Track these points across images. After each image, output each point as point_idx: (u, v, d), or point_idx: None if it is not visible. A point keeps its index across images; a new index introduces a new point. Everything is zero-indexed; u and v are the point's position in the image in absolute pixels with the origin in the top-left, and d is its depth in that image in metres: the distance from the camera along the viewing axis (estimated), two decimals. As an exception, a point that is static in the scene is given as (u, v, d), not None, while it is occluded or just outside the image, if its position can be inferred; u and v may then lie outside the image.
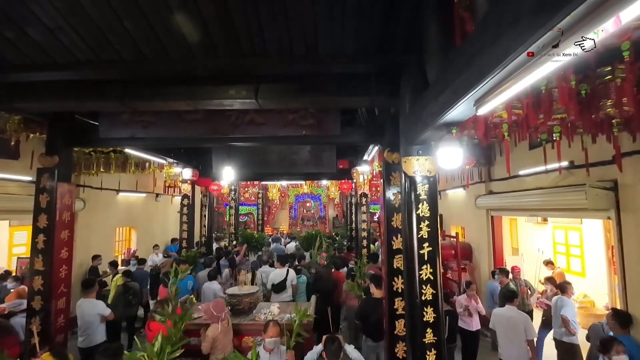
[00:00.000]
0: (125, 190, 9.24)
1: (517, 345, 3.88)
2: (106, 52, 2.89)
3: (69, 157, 4.27)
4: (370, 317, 4.30)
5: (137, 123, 4.02)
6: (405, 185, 2.77)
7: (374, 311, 4.29)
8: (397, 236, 3.87)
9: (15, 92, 3.22)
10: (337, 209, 17.36)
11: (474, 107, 1.61)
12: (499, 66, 1.21)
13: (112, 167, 6.95)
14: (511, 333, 3.93)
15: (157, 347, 2.48)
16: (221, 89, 3.17)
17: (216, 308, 3.70)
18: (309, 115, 3.97)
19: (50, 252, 3.99)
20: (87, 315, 4.51)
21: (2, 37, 2.74)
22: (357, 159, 7.79)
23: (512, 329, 3.93)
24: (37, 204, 4.02)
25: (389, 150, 3.91)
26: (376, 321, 4.26)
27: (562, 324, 4.28)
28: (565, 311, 4.26)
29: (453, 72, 1.71)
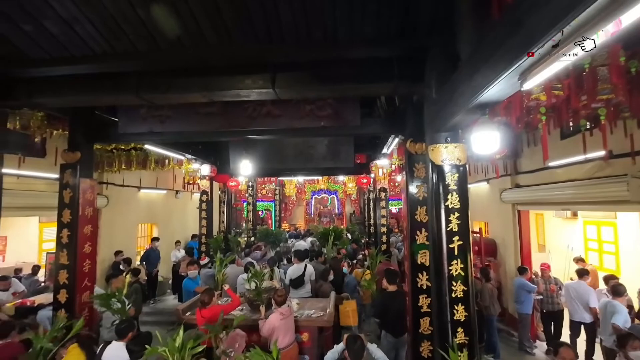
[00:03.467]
0: (146, 187, 9.41)
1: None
2: (121, 44, 2.85)
3: (90, 153, 4.32)
4: (389, 312, 4.22)
5: (154, 118, 4.01)
6: (432, 175, 2.60)
7: (392, 306, 4.21)
8: (421, 230, 3.70)
9: (35, 87, 3.25)
10: (354, 205, 17.16)
11: (518, 82, 1.44)
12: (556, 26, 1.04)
13: (133, 164, 7.04)
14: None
15: (178, 342, 2.44)
16: (237, 79, 3.08)
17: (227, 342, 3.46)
18: (327, 105, 3.84)
19: (74, 246, 4.06)
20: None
21: (21, 30, 2.74)
22: (375, 153, 7.60)
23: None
24: (61, 199, 4.09)
25: (411, 141, 3.72)
26: (395, 316, 4.18)
27: (612, 332, 3.84)
28: (617, 319, 3.82)
29: (491, 45, 1.53)
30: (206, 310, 4.09)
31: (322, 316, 4.77)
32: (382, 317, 4.39)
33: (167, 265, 9.41)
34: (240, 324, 4.51)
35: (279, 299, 4.15)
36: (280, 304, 4.13)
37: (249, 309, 5.02)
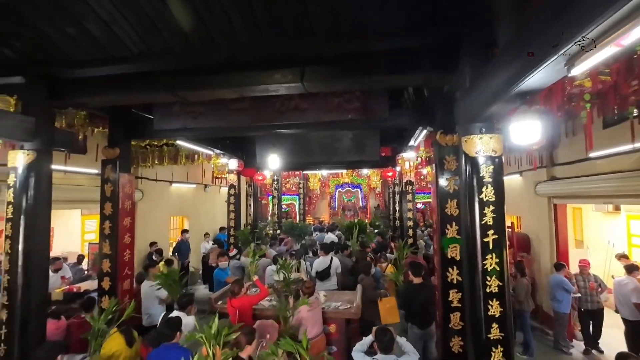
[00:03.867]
0: (178, 182, 9.80)
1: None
2: (157, 43, 2.97)
3: (127, 149, 4.55)
4: (414, 304, 4.24)
5: (187, 114, 4.16)
6: (465, 168, 2.53)
7: (417, 298, 4.22)
8: (451, 224, 3.62)
9: (78, 87, 3.46)
10: (378, 199, 17.00)
11: (565, 68, 1.36)
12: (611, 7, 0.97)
13: (165, 159, 7.35)
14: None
15: (214, 329, 2.56)
16: (266, 74, 3.12)
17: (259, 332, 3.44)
18: (355, 98, 3.82)
19: (116, 237, 4.32)
20: (148, 296, 4.88)
21: (65, 34, 2.91)
22: (401, 146, 7.47)
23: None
24: (102, 192, 4.36)
25: (442, 132, 3.63)
26: (420, 308, 4.19)
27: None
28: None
29: (535, 29, 1.46)
30: (236, 300, 4.25)
31: (350, 308, 4.81)
32: (406, 309, 4.41)
33: (197, 256, 9.80)
34: (271, 314, 4.66)
35: (307, 290, 4.24)
36: (310, 294, 4.21)
37: (277, 299, 5.16)
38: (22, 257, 3.24)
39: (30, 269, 3.27)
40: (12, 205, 3.28)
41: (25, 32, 2.89)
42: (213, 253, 7.79)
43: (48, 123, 3.49)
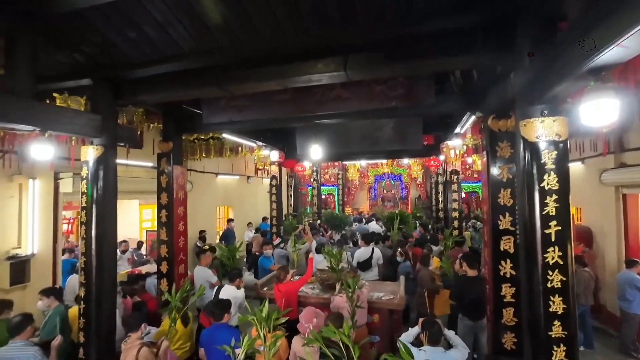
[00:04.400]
0: (223, 173, 10.28)
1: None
2: (205, 40, 3.10)
3: (180, 143, 4.85)
4: (466, 296, 4.14)
5: (232, 108, 4.32)
6: (523, 154, 2.35)
7: (470, 290, 4.12)
8: (504, 215, 3.42)
9: (137, 86, 3.73)
10: (419, 189, 16.49)
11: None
12: None
13: (212, 152, 7.73)
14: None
15: (265, 312, 2.68)
16: (309, 64, 3.13)
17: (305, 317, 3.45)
18: (399, 84, 3.70)
19: (171, 225, 4.66)
20: (200, 280, 5.22)
21: (127, 38, 3.15)
22: (445, 134, 7.14)
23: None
24: (159, 184, 4.71)
25: (494, 117, 3.41)
26: (473, 300, 4.09)
27: None
28: None
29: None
30: (282, 285, 4.44)
31: (393, 299, 4.77)
32: (458, 301, 4.32)
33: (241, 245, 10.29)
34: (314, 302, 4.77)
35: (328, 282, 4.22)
36: (328, 287, 4.18)
37: (320, 288, 5.26)
38: (95, 241, 3.62)
39: (102, 252, 3.65)
40: (86, 195, 3.66)
41: (94, 38, 3.16)
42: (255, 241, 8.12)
43: (112, 120, 3.82)
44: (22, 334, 3.02)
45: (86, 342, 3.59)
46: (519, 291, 3.33)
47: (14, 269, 5.24)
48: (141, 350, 2.99)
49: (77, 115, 3.47)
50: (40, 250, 5.65)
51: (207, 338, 3.34)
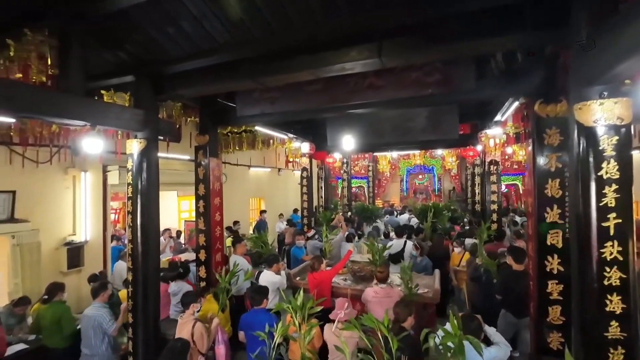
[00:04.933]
0: (255, 166, 10.53)
1: None
2: (240, 32, 3.13)
3: (215, 136, 5.00)
4: (512, 292, 3.99)
5: (265, 100, 4.36)
6: (577, 140, 2.16)
7: (516, 285, 3.94)
8: (552, 207, 3.18)
9: (176, 81, 3.87)
10: (454, 181, 15.87)
11: None
12: None
13: (244, 145, 7.91)
14: None
15: (299, 301, 2.72)
16: (342, 52, 3.06)
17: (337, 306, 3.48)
18: (436, 70, 3.53)
19: (208, 214, 4.84)
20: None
21: (166, 34, 3.26)
22: (483, 122, 6.77)
23: None
24: (196, 175, 4.90)
25: (541, 102, 3.16)
26: (519, 296, 3.91)
27: None
28: None
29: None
30: (317, 273, 4.51)
31: (427, 293, 4.66)
32: (504, 295, 4.16)
33: (272, 235, 10.52)
34: (345, 293, 4.78)
35: (380, 275, 4.16)
36: (381, 280, 4.13)
37: (352, 279, 5.26)
38: (140, 229, 3.85)
39: (147, 239, 3.87)
40: (131, 186, 3.89)
41: (136, 36, 3.32)
42: (288, 233, 8.25)
43: (154, 114, 4.01)
44: (99, 297, 3.87)
45: (134, 322, 3.86)
46: (567, 288, 3.12)
47: (70, 254, 5.74)
48: (195, 325, 3.29)
49: (122, 111, 3.67)
50: (92, 238, 6.13)
51: (246, 322, 3.50)
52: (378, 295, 4.03)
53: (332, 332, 3.22)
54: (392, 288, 4.18)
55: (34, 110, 2.82)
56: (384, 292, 4.03)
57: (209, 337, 3.41)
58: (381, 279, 4.12)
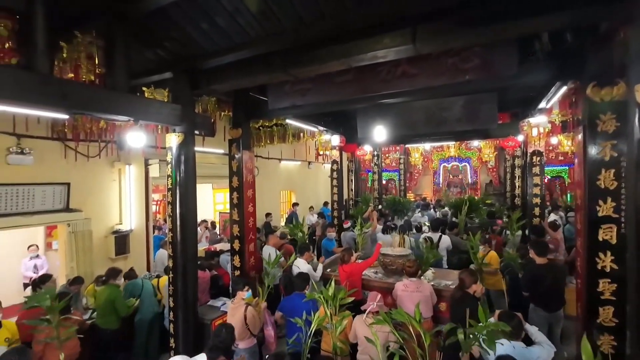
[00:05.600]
0: (286, 159, 10.68)
1: None
2: (271, 25, 3.15)
3: (248, 129, 5.12)
4: (540, 285, 3.92)
5: (296, 92, 4.38)
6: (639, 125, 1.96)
7: (544, 278, 3.90)
8: (605, 200, 2.93)
9: (210, 76, 3.99)
10: (491, 174, 15.09)
11: None
12: None
13: (275, 138, 8.04)
14: None
15: (331, 291, 2.74)
16: (374, 40, 2.99)
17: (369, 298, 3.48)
18: (474, 55, 3.34)
19: (242, 206, 4.99)
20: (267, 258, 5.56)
21: (201, 30, 3.37)
22: (525, 110, 6.35)
23: None
24: (230, 168, 5.05)
25: (594, 85, 2.89)
26: (548, 289, 3.90)
27: None
28: None
29: None
30: (347, 265, 4.54)
31: (461, 288, 4.51)
32: (532, 291, 4.04)
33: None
34: (377, 285, 4.75)
35: (409, 269, 4.06)
36: (410, 274, 4.03)
37: (382, 272, 5.21)
38: (179, 219, 4.05)
39: (185, 228, 4.07)
40: (170, 178, 4.09)
41: (174, 33, 3.46)
42: (319, 226, 8.31)
43: (190, 109, 4.17)
44: None
45: (175, 306, 4.09)
46: (621, 288, 2.87)
47: (117, 242, 6.19)
48: (247, 308, 3.51)
49: (162, 106, 3.86)
50: (136, 227, 6.55)
51: (287, 306, 3.72)
52: (408, 289, 3.95)
53: (363, 321, 3.22)
54: (423, 282, 4.08)
55: (84, 107, 3.04)
56: (414, 286, 3.94)
57: (260, 320, 3.62)
58: (410, 273, 4.04)
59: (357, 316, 3.36)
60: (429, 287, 4.05)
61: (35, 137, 5.06)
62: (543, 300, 3.97)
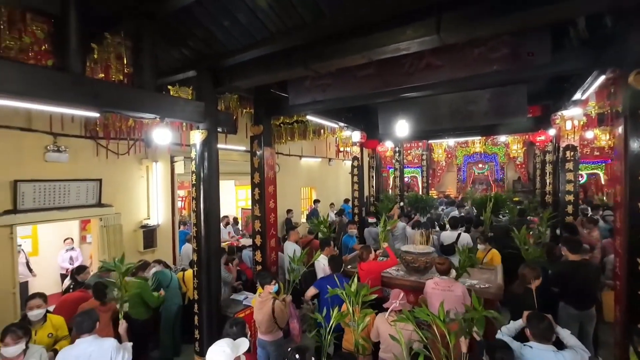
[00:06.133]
0: (306, 156, 10.70)
1: None
2: (292, 19, 3.14)
3: (269, 126, 5.16)
4: (570, 282, 3.81)
5: (317, 87, 4.36)
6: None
7: (575, 275, 3.80)
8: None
9: (232, 73, 4.05)
10: (519, 170, 14.48)
11: None
12: None
13: (296, 135, 8.07)
14: None
15: (353, 288, 2.71)
16: (397, 32, 2.91)
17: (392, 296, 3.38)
18: (502, 44, 3.19)
19: (263, 202, 5.05)
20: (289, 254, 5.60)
21: (223, 27, 3.41)
22: (557, 102, 6.01)
23: None
24: (252, 164, 5.12)
25: (638, 73, 2.68)
26: (578, 287, 3.79)
27: None
28: None
29: None
30: (365, 263, 4.50)
31: (488, 288, 4.36)
32: (562, 287, 3.92)
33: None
34: (398, 283, 4.67)
35: (440, 267, 3.90)
36: (441, 272, 3.89)
37: (404, 270, 5.12)
38: (203, 214, 4.15)
39: (209, 223, 4.17)
40: (194, 174, 4.20)
41: (198, 32, 3.52)
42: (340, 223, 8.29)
43: (213, 106, 4.25)
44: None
45: (199, 298, 4.20)
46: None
47: (145, 236, 6.44)
48: (275, 302, 3.59)
49: (186, 104, 3.96)
50: (163, 222, 6.79)
51: (323, 283, 4.02)
52: (438, 287, 3.83)
53: (385, 319, 3.17)
54: (455, 282, 3.90)
55: (114, 105, 3.16)
56: (445, 285, 3.80)
57: (286, 314, 3.69)
58: (442, 271, 3.87)
59: (379, 314, 3.31)
60: (461, 287, 3.81)
61: (70, 136, 5.34)
62: (573, 297, 3.85)
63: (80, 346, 2.68)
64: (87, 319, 2.79)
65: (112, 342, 2.78)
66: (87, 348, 2.67)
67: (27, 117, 4.84)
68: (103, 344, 2.74)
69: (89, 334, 2.75)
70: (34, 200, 4.92)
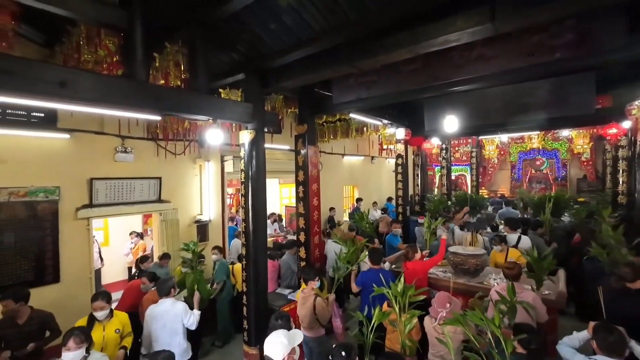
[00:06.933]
0: (349, 154, 10.69)
1: None
2: (336, 17, 3.17)
3: (313, 124, 5.25)
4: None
5: (361, 85, 4.34)
6: None
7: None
8: None
9: (278, 74, 4.18)
10: (585, 168, 13.06)
11: None
12: None
13: (339, 134, 8.10)
14: None
15: (400, 287, 2.67)
16: (445, 23, 2.80)
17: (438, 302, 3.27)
18: (566, 29, 2.91)
19: (307, 199, 5.15)
20: (330, 252, 5.66)
21: (269, 30, 3.54)
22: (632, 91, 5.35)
23: None
24: (296, 162, 5.24)
25: None
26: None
27: None
28: None
29: None
30: (410, 263, 4.43)
31: (548, 295, 4.02)
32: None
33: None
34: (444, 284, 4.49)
35: (509, 271, 3.61)
36: (512, 277, 3.56)
37: (451, 271, 4.90)
38: (251, 210, 4.34)
39: (256, 219, 4.35)
40: (243, 172, 4.41)
41: (245, 36, 3.69)
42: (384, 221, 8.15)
43: (260, 107, 4.43)
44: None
45: (247, 290, 4.41)
46: None
47: (199, 230, 6.90)
48: (317, 299, 3.66)
49: (236, 105, 4.17)
50: (214, 217, 7.21)
51: (366, 277, 4.07)
52: (504, 292, 3.60)
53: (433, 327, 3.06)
54: (525, 288, 3.62)
55: (173, 108, 3.44)
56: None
57: (328, 312, 3.73)
58: (511, 276, 3.57)
59: (426, 317, 3.22)
60: (532, 295, 3.49)
61: (134, 138, 5.90)
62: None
63: (162, 305, 3.57)
64: (165, 285, 3.68)
65: (183, 305, 3.60)
66: (167, 307, 3.55)
67: (100, 122, 5.44)
68: (177, 305, 3.59)
69: (167, 297, 3.61)
70: (106, 196, 5.52)
